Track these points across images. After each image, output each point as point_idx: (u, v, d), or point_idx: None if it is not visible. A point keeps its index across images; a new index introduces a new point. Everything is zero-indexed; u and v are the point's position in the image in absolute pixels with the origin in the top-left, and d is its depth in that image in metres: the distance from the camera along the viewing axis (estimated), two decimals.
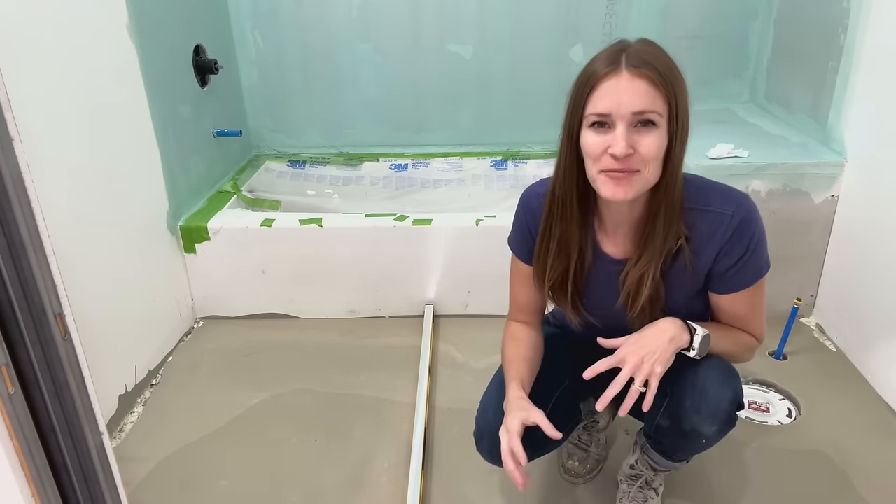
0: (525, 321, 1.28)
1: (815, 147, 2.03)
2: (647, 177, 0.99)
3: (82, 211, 1.61)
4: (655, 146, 0.97)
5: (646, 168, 0.98)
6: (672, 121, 0.98)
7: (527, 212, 1.20)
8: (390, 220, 2.11)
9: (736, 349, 1.16)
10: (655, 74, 0.95)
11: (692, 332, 1.08)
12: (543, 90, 2.63)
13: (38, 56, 1.45)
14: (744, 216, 1.05)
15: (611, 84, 0.96)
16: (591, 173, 1.02)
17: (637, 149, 0.96)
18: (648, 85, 0.95)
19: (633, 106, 0.95)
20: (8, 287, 0.67)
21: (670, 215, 1.05)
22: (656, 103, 0.96)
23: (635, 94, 0.95)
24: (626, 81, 0.95)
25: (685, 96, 1.00)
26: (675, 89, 0.97)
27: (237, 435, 1.69)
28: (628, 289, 1.11)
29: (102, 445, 0.80)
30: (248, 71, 2.64)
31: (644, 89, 0.95)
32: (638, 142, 0.96)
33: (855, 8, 1.86)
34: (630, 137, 0.96)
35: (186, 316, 2.15)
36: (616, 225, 1.12)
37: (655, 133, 0.97)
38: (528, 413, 1.08)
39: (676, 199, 1.04)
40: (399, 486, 1.50)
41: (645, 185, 1.00)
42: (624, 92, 0.95)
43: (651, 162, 0.98)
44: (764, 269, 1.11)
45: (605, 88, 0.96)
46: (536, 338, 1.27)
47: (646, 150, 0.96)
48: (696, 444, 1.17)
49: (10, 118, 0.65)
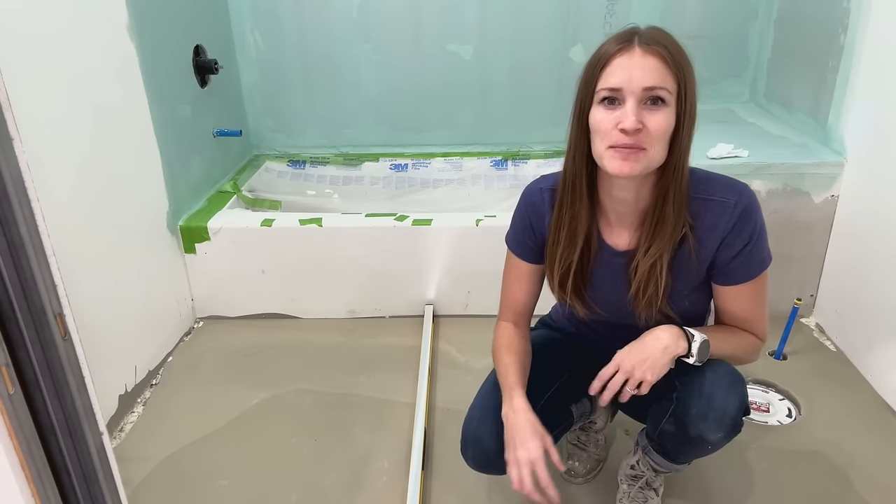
0: (515, 322, 1.28)
1: (815, 147, 2.03)
2: (652, 156, 0.99)
3: (82, 211, 1.61)
4: (664, 124, 0.98)
5: (652, 147, 0.98)
6: (681, 101, 0.99)
7: (529, 207, 1.20)
8: (390, 220, 2.11)
9: (739, 351, 1.16)
10: (667, 53, 0.97)
11: (690, 339, 1.08)
12: (544, 90, 2.63)
13: (38, 56, 1.45)
14: (746, 205, 1.06)
15: (623, 60, 0.97)
16: (599, 150, 1.01)
17: (646, 125, 0.97)
18: (660, 62, 0.96)
19: (645, 81, 0.96)
20: (8, 287, 0.67)
21: (679, 201, 1.05)
22: (667, 80, 0.97)
23: (647, 69, 0.96)
24: (639, 57, 0.96)
25: (693, 81, 1.00)
26: (684, 70, 0.99)
27: (237, 435, 1.69)
28: (640, 279, 1.10)
29: (102, 445, 0.80)
30: (248, 71, 2.64)
31: (655, 65, 0.96)
32: (647, 118, 0.97)
33: (855, 8, 1.86)
34: (640, 113, 0.97)
35: (186, 316, 2.15)
36: (620, 216, 1.12)
37: (665, 111, 0.97)
38: (546, 439, 1.10)
39: (684, 185, 1.05)
40: (399, 486, 1.50)
41: (650, 165, 1.01)
42: (636, 67, 0.96)
43: (658, 140, 0.98)
44: (767, 260, 1.11)
45: (617, 64, 0.97)
46: (526, 342, 1.27)
47: (654, 127, 0.97)
48: (702, 450, 1.17)
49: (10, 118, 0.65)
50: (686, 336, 1.09)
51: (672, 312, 1.14)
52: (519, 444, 1.08)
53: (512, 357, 1.20)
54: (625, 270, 1.14)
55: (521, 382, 1.17)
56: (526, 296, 1.26)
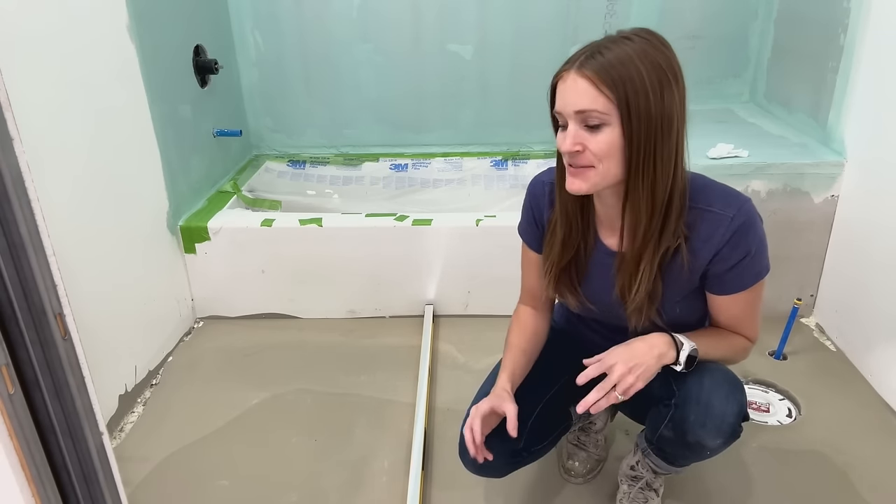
0: (534, 305, 1.30)
1: (815, 147, 2.03)
2: (603, 172, 1.01)
3: (82, 211, 1.61)
4: (604, 145, 0.98)
5: (600, 163, 1.00)
6: (624, 119, 0.96)
7: (532, 199, 1.23)
8: (390, 220, 2.10)
9: (729, 355, 1.17)
10: (597, 75, 0.95)
11: (679, 348, 1.09)
12: (544, 90, 2.57)
13: (38, 56, 1.45)
14: (744, 221, 1.04)
15: (562, 85, 1.00)
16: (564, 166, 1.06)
17: (587, 145, 0.99)
18: (588, 84, 0.96)
19: (576, 105, 0.98)
20: (8, 287, 0.67)
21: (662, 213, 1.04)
22: (597, 102, 0.96)
23: (578, 93, 0.97)
24: (571, 81, 0.98)
25: (645, 94, 0.96)
26: (625, 88, 0.95)
27: (237, 435, 1.69)
28: (621, 282, 1.12)
29: (102, 445, 0.80)
30: (248, 71, 2.64)
31: (584, 88, 0.96)
32: (588, 139, 0.99)
33: (855, 8, 1.86)
34: (578, 135, 0.99)
35: (186, 316, 2.15)
36: (608, 218, 1.14)
37: (605, 131, 0.98)
38: (502, 402, 1.11)
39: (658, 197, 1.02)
40: (399, 486, 1.50)
41: (604, 180, 1.02)
42: (569, 91, 0.98)
43: (604, 159, 0.99)
44: (763, 272, 1.10)
45: (560, 89, 1.01)
46: (541, 324, 1.29)
47: (595, 148, 0.99)
48: (701, 455, 1.17)
49: (10, 118, 0.65)
50: (676, 345, 1.09)
51: (661, 321, 1.13)
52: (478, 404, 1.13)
53: (513, 339, 1.25)
54: (613, 270, 1.15)
55: (512, 366, 1.20)
56: (539, 282, 1.27)
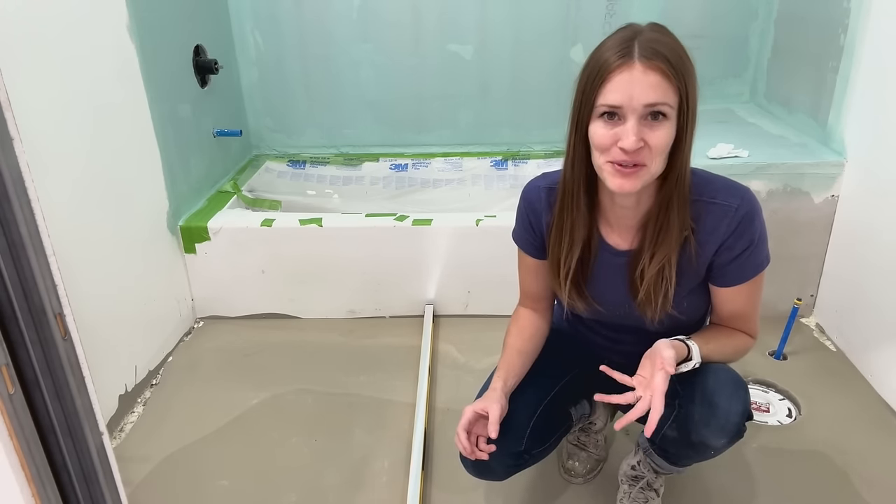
0: (533, 307, 1.29)
1: (815, 147, 2.03)
2: (653, 171, 0.98)
3: (82, 211, 1.61)
4: (665, 139, 0.96)
5: (653, 162, 0.97)
6: (682, 112, 0.97)
7: (527, 205, 1.21)
8: (390, 220, 2.10)
9: (731, 353, 1.17)
10: (668, 66, 0.93)
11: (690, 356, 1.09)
12: (544, 90, 2.63)
13: (38, 56, 1.45)
14: (748, 210, 1.06)
15: (623, 76, 0.93)
16: (599, 163, 1.00)
17: (647, 141, 0.95)
18: (661, 77, 0.93)
19: (646, 98, 0.93)
20: (8, 287, 0.67)
21: (682, 207, 1.05)
22: (668, 95, 0.94)
23: (648, 86, 0.92)
24: (639, 73, 0.92)
25: (695, 86, 0.98)
26: (686, 80, 0.95)
27: (237, 435, 1.69)
28: (647, 285, 1.09)
29: (102, 445, 0.80)
30: (248, 71, 2.64)
31: (656, 81, 0.93)
32: (648, 135, 0.95)
33: (855, 8, 1.86)
34: (640, 130, 0.94)
35: (186, 316, 2.15)
36: (620, 218, 1.12)
37: (666, 125, 0.95)
38: (489, 402, 1.11)
39: (686, 190, 1.04)
40: (399, 486, 1.50)
41: (650, 178, 1.00)
42: (637, 84, 0.92)
43: (658, 155, 0.97)
44: (765, 262, 1.11)
45: (617, 81, 0.93)
46: (541, 325, 1.28)
47: (655, 143, 0.95)
48: (704, 455, 1.17)
49: (10, 118, 0.65)
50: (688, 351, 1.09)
51: (676, 312, 1.14)
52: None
53: (510, 340, 1.24)
54: (625, 270, 1.14)
55: (507, 367, 1.20)
56: (538, 286, 1.27)
